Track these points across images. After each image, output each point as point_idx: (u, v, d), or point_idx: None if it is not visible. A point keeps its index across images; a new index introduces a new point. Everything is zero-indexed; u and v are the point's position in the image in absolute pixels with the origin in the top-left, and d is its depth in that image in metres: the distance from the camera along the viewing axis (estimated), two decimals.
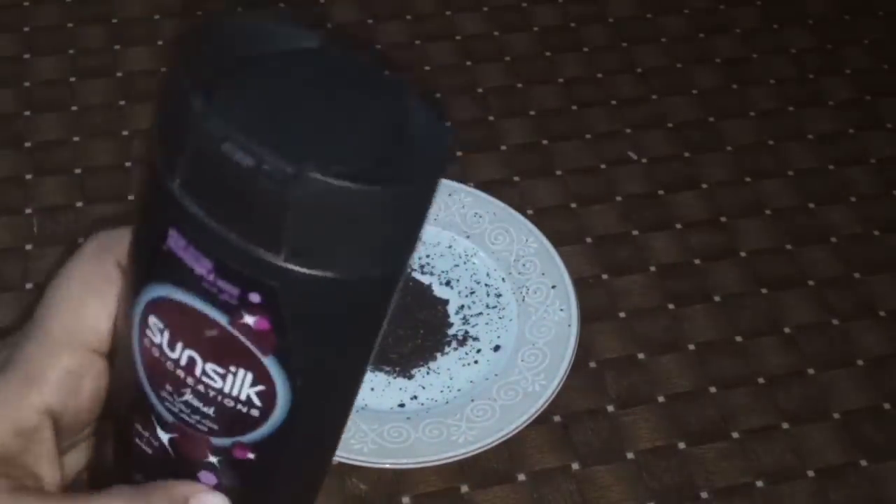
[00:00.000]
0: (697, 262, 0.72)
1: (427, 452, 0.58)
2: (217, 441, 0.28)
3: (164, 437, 0.29)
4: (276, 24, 0.28)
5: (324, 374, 0.28)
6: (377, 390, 0.63)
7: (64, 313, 0.30)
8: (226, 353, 0.27)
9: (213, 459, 0.29)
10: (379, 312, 0.28)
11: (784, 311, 0.69)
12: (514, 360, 0.63)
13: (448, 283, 0.68)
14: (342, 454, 0.58)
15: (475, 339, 0.66)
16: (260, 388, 0.27)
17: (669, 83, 0.84)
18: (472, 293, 0.68)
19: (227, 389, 0.27)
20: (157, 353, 0.28)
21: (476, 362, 0.64)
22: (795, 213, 0.76)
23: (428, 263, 0.69)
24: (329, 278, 0.25)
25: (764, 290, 0.70)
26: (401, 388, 0.63)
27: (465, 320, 0.66)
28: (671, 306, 0.69)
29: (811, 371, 0.66)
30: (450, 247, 0.70)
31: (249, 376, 0.27)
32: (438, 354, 0.65)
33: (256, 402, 0.27)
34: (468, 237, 0.70)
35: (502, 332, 0.66)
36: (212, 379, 0.27)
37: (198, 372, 0.27)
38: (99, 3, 0.87)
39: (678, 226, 0.74)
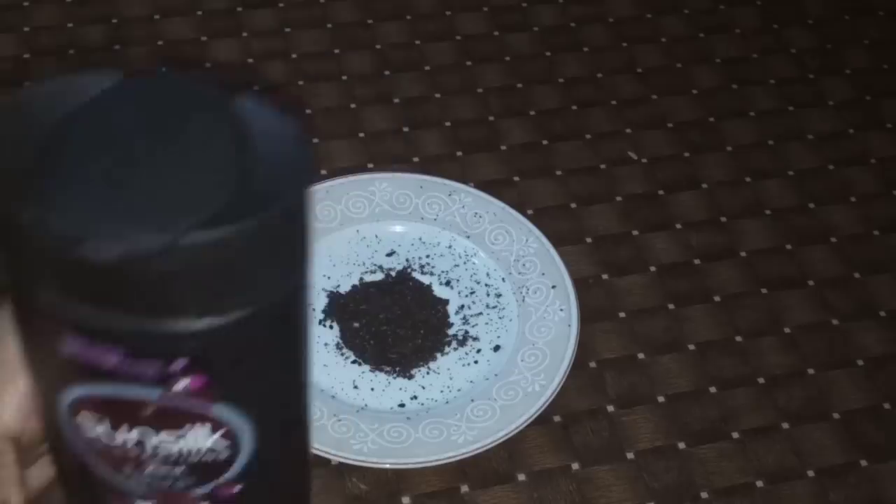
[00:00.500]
0: (697, 262, 0.72)
1: (427, 452, 0.58)
2: (200, 490, 0.28)
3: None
4: (77, 79, 0.26)
5: (274, 393, 0.28)
6: (377, 390, 0.63)
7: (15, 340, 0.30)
8: (172, 420, 0.26)
9: None
10: (299, 321, 0.27)
11: (784, 311, 0.69)
12: (514, 360, 0.63)
13: (448, 283, 0.68)
14: (342, 454, 0.58)
15: (475, 339, 0.66)
16: (219, 433, 0.26)
17: (669, 83, 0.84)
18: (472, 293, 0.68)
19: (187, 449, 0.27)
20: (100, 445, 0.27)
21: (476, 362, 0.64)
22: (795, 213, 0.76)
23: (428, 263, 0.69)
24: (242, 317, 0.24)
25: (764, 290, 0.70)
26: (401, 388, 0.63)
27: (465, 320, 0.66)
28: (671, 306, 0.69)
29: (811, 371, 0.66)
30: (450, 247, 0.70)
31: (205, 428, 0.26)
32: (438, 354, 0.65)
33: (222, 446, 0.27)
34: (468, 237, 0.70)
35: (502, 332, 0.66)
36: (169, 446, 0.26)
37: (152, 446, 0.26)
38: (99, 3, 0.87)
39: (678, 226, 0.74)
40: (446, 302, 0.67)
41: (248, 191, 0.24)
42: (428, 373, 0.64)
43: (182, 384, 0.25)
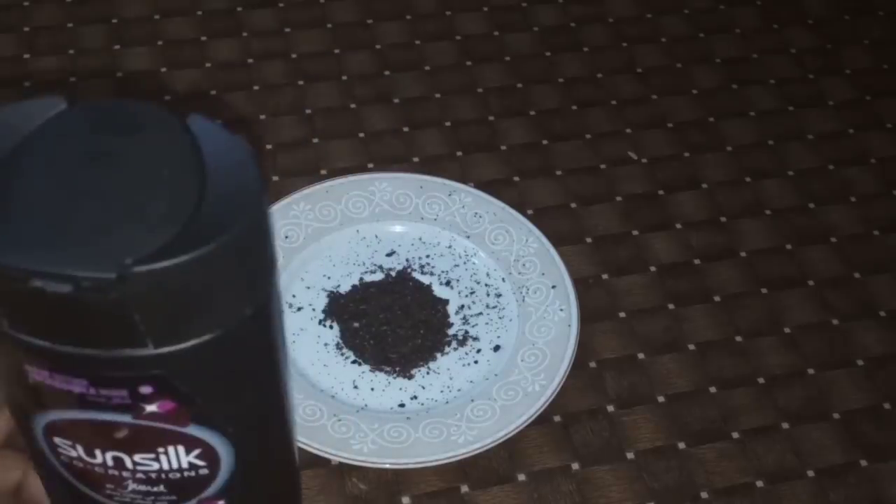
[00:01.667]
0: (697, 262, 0.72)
1: (427, 452, 0.58)
2: None
3: None
4: (21, 107, 0.26)
5: (247, 410, 0.27)
6: (377, 390, 0.63)
7: None
8: (147, 441, 0.26)
9: None
10: (269, 336, 0.27)
11: (784, 311, 0.69)
12: (514, 360, 0.63)
13: (448, 283, 0.68)
14: (342, 454, 0.58)
15: (475, 339, 0.66)
16: (196, 451, 0.26)
17: (669, 83, 0.84)
18: (472, 293, 0.68)
19: (166, 467, 0.26)
20: (80, 465, 0.27)
21: (476, 362, 0.64)
22: (795, 213, 0.76)
23: (428, 263, 0.69)
24: (203, 342, 0.24)
25: (764, 290, 0.70)
26: (401, 388, 0.63)
27: (465, 320, 0.66)
28: (671, 306, 0.69)
29: (811, 371, 0.66)
30: (450, 247, 0.70)
31: (181, 448, 0.26)
32: (438, 354, 0.65)
33: (200, 463, 0.27)
34: (468, 237, 0.70)
35: (502, 332, 0.66)
36: (147, 465, 0.26)
37: (130, 465, 0.26)
38: (99, 3, 0.87)
39: (678, 226, 0.74)
40: (446, 302, 0.67)
41: (200, 216, 0.23)
42: (428, 373, 0.64)
43: (151, 408, 0.25)
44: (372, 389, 0.63)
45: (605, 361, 0.66)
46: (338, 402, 0.61)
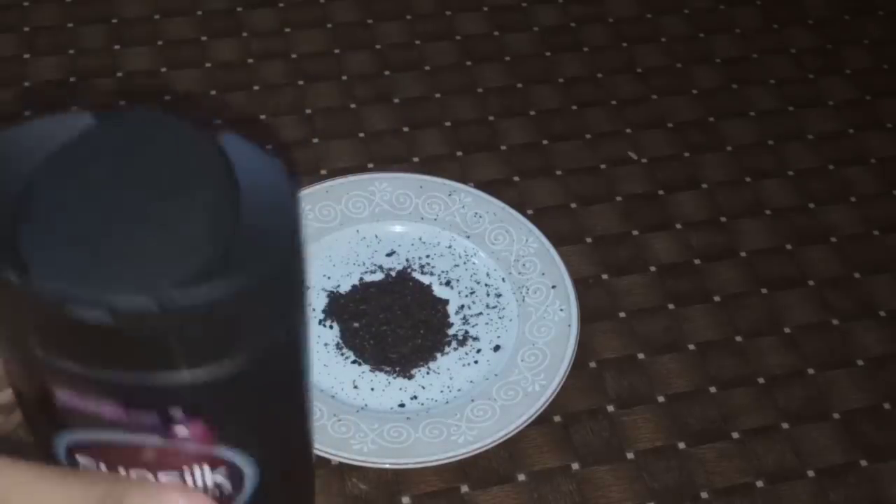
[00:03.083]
0: (697, 262, 0.72)
1: (427, 452, 0.58)
2: None
3: None
4: (46, 123, 0.25)
5: (275, 431, 0.27)
6: (377, 390, 0.63)
7: None
8: (173, 461, 0.25)
9: None
10: (299, 359, 0.27)
11: (784, 311, 0.69)
12: (514, 360, 0.63)
13: (448, 283, 0.68)
14: (342, 454, 0.58)
15: (475, 339, 0.66)
16: (221, 470, 0.26)
17: (669, 83, 0.84)
18: (472, 293, 0.68)
19: (190, 485, 0.26)
20: None
21: (476, 362, 0.64)
22: (795, 213, 0.76)
23: (428, 263, 0.69)
24: (241, 364, 0.24)
25: (764, 290, 0.70)
26: (401, 388, 0.63)
27: (465, 320, 0.66)
28: (671, 306, 0.69)
29: (811, 371, 0.66)
30: (450, 247, 0.70)
31: (206, 467, 0.26)
32: (438, 354, 0.65)
33: (224, 481, 0.26)
34: (468, 237, 0.70)
35: (502, 332, 0.66)
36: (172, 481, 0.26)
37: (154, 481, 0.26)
38: (99, 3, 0.87)
39: (678, 226, 0.74)
40: (446, 302, 0.67)
41: (238, 240, 0.23)
42: (428, 373, 0.64)
43: (181, 431, 0.24)
44: (372, 389, 0.63)
45: (605, 361, 0.66)
46: (338, 402, 0.61)
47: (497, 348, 0.65)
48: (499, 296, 0.68)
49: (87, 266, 0.22)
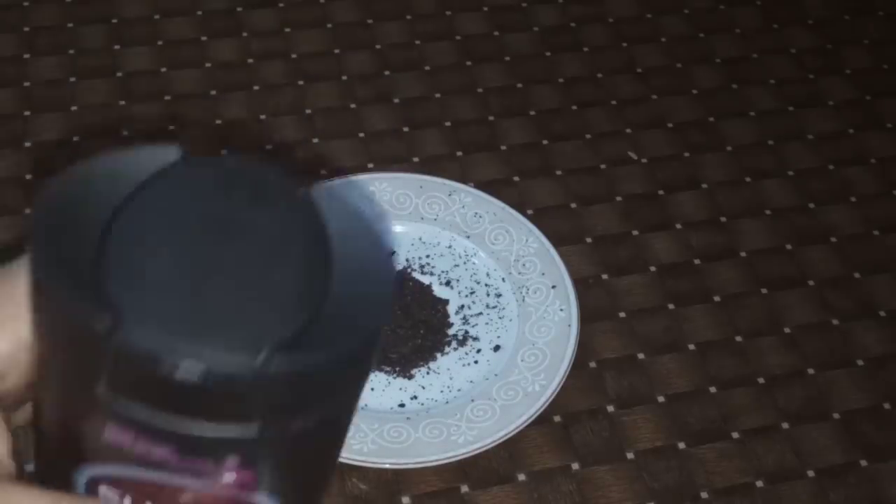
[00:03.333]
0: (697, 262, 0.72)
1: (427, 452, 0.58)
2: None
3: None
4: (133, 156, 0.24)
5: (313, 479, 0.27)
6: (377, 390, 0.63)
7: None
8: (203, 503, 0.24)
9: None
10: (351, 415, 0.26)
11: (784, 311, 0.69)
12: (514, 360, 0.63)
13: (448, 283, 0.68)
14: (342, 454, 0.58)
15: (475, 339, 0.66)
16: None
17: (669, 83, 0.84)
18: (472, 293, 0.68)
19: None
20: None
21: (476, 362, 0.64)
22: (795, 213, 0.76)
23: (428, 263, 0.69)
24: (309, 424, 0.23)
25: (764, 290, 0.70)
26: (401, 388, 0.63)
27: (465, 320, 0.66)
28: (671, 306, 0.69)
29: (811, 371, 0.66)
30: (450, 247, 0.70)
31: None
32: (438, 354, 0.65)
33: None
34: (468, 237, 0.70)
35: (502, 332, 0.66)
36: None
37: None
38: (99, 3, 0.87)
39: (678, 226, 0.74)
40: (446, 302, 0.67)
41: (333, 303, 0.22)
42: (428, 373, 0.64)
43: (228, 478, 0.23)
44: (372, 389, 0.63)
45: (605, 361, 0.66)
46: None
47: (497, 348, 0.65)
48: (499, 296, 0.68)
49: (180, 319, 0.21)
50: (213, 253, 0.22)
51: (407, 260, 0.69)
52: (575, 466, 0.61)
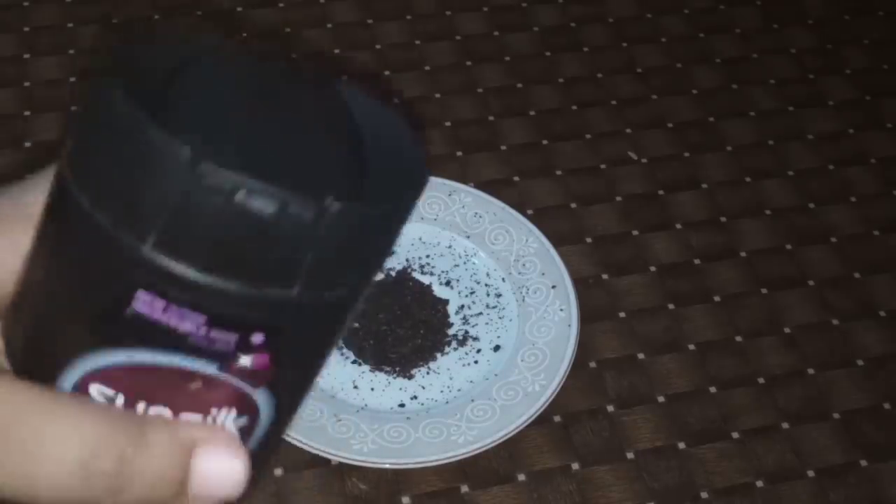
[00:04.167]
0: (697, 262, 0.72)
1: (427, 452, 0.58)
2: None
3: None
4: (189, 37, 0.25)
5: (306, 376, 0.26)
6: (377, 390, 0.63)
7: None
8: (209, 400, 0.23)
9: None
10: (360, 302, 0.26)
11: (784, 311, 0.69)
12: (514, 360, 0.63)
13: (448, 283, 0.68)
14: (342, 454, 0.58)
15: (475, 339, 0.66)
16: (244, 418, 0.24)
17: (669, 83, 0.84)
18: (472, 293, 0.68)
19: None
20: None
21: (476, 362, 0.64)
22: (795, 213, 0.76)
23: (428, 263, 0.69)
24: (338, 295, 0.23)
25: (764, 290, 0.70)
26: (401, 388, 0.63)
27: (465, 320, 0.66)
28: (671, 306, 0.69)
29: (811, 371, 0.66)
30: (450, 247, 0.70)
31: (233, 412, 0.24)
32: (438, 354, 0.65)
33: (244, 425, 0.25)
34: (468, 237, 0.70)
35: (502, 332, 0.66)
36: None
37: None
38: (99, 3, 0.87)
39: (678, 226, 0.74)
40: (446, 302, 0.67)
41: (377, 170, 0.23)
42: (428, 373, 0.64)
43: (247, 360, 0.22)
44: (372, 389, 0.63)
45: (605, 361, 0.66)
46: (338, 402, 0.61)
47: (497, 348, 0.65)
48: (499, 296, 0.68)
49: (253, 164, 0.21)
50: (271, 117, 0.24)
51: (407, 260, 0.69)
52: (575, 466, 0.61)
